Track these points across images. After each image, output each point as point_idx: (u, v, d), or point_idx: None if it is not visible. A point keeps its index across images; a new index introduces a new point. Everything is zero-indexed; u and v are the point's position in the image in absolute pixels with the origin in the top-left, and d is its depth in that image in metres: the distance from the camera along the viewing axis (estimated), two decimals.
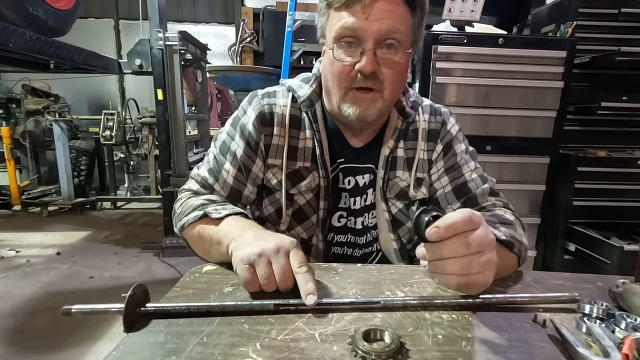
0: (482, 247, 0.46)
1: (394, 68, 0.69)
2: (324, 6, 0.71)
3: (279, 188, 0.81)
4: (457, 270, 0.47)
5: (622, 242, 1.93)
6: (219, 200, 0.76)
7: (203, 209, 0.70)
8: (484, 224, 0.49)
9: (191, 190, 0.81)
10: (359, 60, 0.67)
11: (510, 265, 0.66)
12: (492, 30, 2.11)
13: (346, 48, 0.69)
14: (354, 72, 0.69)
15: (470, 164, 0.83)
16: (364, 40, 0.66)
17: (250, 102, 0.81)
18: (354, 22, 0.66)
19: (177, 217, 0.77)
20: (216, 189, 0.79)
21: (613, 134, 2.30)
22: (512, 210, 0.79)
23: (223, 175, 0.79)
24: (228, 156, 0.79)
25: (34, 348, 1.80)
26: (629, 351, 0.40)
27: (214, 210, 0.69)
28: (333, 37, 0.69)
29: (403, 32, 0.68)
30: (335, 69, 0.70)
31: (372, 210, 0.85)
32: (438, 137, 0.84)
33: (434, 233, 0.44)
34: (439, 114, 0.86)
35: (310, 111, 0.79)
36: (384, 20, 0.65)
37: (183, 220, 0.73)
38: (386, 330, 0.45)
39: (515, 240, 0.66)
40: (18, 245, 3.13)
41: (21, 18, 1.96)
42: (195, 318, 0.49)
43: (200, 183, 0.80)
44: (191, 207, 0.74)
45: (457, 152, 0.83)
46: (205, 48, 3.16)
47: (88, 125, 4.76)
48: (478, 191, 0.80)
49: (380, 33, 0.66)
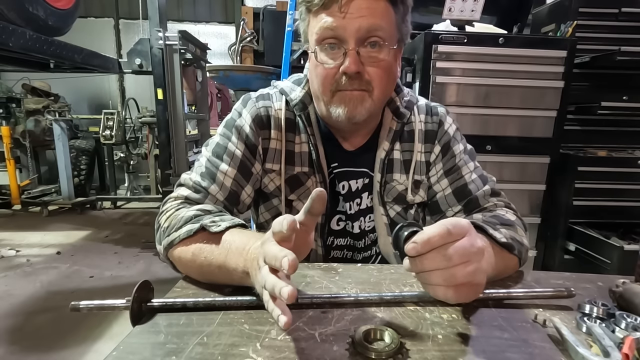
0: (465, 257, 0.45)
1: (379, 66, 0.67)
2: (304, 10, 0.70)
3: (277, 194, 0.79)
4: (441, 281, 0.45)
5: (622, 241, 1.93)
6: (214, 210, 0.66)
7: (198, 221, 0.60)
8: (471, 233, 0.47)
9: (181, 198, 0.70)
10: (343, 61, 0.66)
11: (511, 267, 0.65)
12: (493, 30, 2.11)
13: (328, 50, 0.67)
14: (339, 74, 0.67)
15: (470, 165, 0.81)
16: (345, 39, 0.65)
17: (245, 104, 0.78)
18: (333, 22, 0.64)
19: (165, 232, 0.64)
20: (211, 192, 0.71)
21: (613, 134, 2.30)
22: (514, 209, 0.77)
23: (219, 177, 0.72)
24: (225, 157, 0.74)
25: (34, 347, 1.80)
26: (629, 351, 0.40)
27: (211, 223, 0.59)
28: (315, 40, 0.68)
29: (385, 29, 0.66)
30: (320, 72, 0.68)
31: (370, 214, 0.84)
32: (435, 138, 0.82)
33: (412, 249, 0.43)
34: (435, 114, 0.84)
35: (303, 114, 0.77)
36: (364, 17, 0.63)
37: (173, 236, 0.61)
38: (386, 330, 0.45)
39: (516, 242, 0.65)
40: (18, 245, 3.13)
41: (21, 17, 1.96)
42: (195, 318, 0.49)
43: (192, 188, 0.71)
44: (182, 219, 0.62)
45: (455, 154, 0.81)
46: (205, 47, 3.16)
47: (88, 125, 4.76)
48: (479, 193, 0.78)
49: (360, 31, 0.64)
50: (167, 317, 0.50)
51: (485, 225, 0.62)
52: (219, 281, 0.58)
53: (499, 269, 0.60)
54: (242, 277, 0.52)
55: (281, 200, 0.79)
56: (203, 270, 0.59)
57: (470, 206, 0.78)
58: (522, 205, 2.11)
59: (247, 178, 0.75)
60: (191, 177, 0.73)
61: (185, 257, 0.61)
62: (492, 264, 0.55)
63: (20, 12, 1.95)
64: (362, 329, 0.45)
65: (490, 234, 0.61)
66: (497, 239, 0.61)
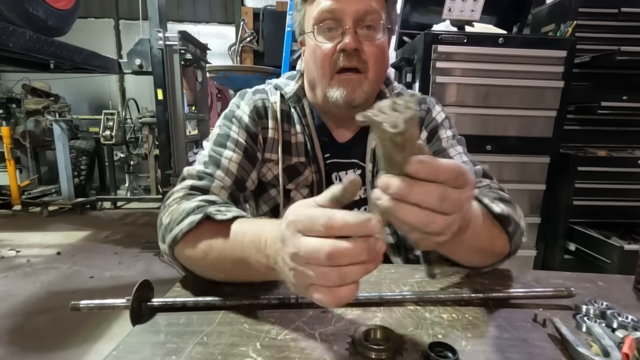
0: (455, 209, 0.36)
1: (375, 46, 0.70)
2: (300, 1, 0.73)
3: (275, 183, 0.80)
4: (413, 220, 0.35)
5: (623, 241, 1.93)
6: (219, 201, 0.61)
7: (202, 211, 0.54)
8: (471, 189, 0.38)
9: (185, 189, 0.65)
10: (341, 40, 0.68)
11: (498, 245, 0.58)
12: (492, 30, 2.11)
13: (326, 32, 0.70)
14: (337, 54, 0.69)
15: (458, 148, 0.79)
16: (343, 20, 0.68)
17: (243, 97, 0.81)
18: (332, 5, 0.67)
19: (166, 228, 0.58)
20: (217, 177, 0.68)
21: (613, 134, 2.30)
22: (507, 194, 0.69)
23: (224, 163, 0.70)
24: (228, 144, 0.73)
25: (34, 348, 1.80)
26: (629, 350, 0.40)
27: (216, 212, 0.53)
28: (312, 24, 0.70)
29: (380, 14, 0.69)
30: (318, 54, 0.70)
31: (364, 206, 0.84)
32: (422, 124, 0.82)
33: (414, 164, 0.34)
34: (424, 102, 0.84)
35: (298, 106, 0.79)
36: (361, 1, 0.67)
37: (175, 231, 0.55)
38: (386, 329, 0.45)
39: (512, 220, 0.58)
40: (18, 245, 3.13)
41: (21, 18, 1.96)
42: (195, 318, 0.49)
43: (195, 177, 0.68)
44: (184, 211, 0.56)
45: (442, 137, 0.80)
46: (205, 48, 3.16)
47: (88, 125, 4.76)
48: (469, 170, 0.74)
49: (359, 13, 0.67)
50: (167, 316, 0.50)
51: (481, 196, 0.58)
52: (237, 279, 0.54)
53: (484, 243, 0.55)
54: (266, 272, 0.45)
55: (279, 190, 0.80)
56: (217, 268, 0.54)
57: None
58: (522, 205, 2.08)
59: (252, 163, 0.75)
60: (194, 168, 0.70)
61: (194, 255, 0.54)
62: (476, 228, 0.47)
63: (20, 13, 1.95)
64: (362, 329, 0.45)
65: (485, 204, 0.56)
66: (491, 209, 0.55)
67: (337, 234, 0.34)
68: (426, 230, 0.36)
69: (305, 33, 0.74)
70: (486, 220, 0.54)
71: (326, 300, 0.35)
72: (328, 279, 0.34)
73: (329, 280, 0.34)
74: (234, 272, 0.52)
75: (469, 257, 0.58)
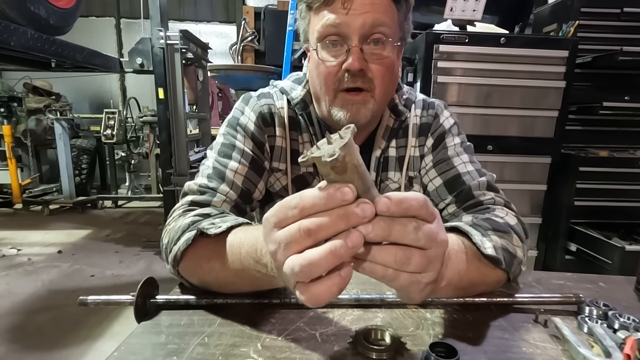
0: (430, 243, 0.34)
1: (383, 64, 0.65)
2: (304, 8, 0.68)
3: (283, 194, 0.78)
4: (389, 260, 0.33)
5: (624, 242, 1.93)
6: (214, 213, 0.60)
7: (195, 227, 0.53)
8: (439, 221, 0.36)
9: (183, 206, 0.64)
10: (346, 58, 0.63)
11: (493, 281, 0.56)
12: (494, 30, 2.11)
13: (330, 48, 0.65)
14: (341, 72, 0.65)
15: (463, 157, 0.76)
16: (348, 36, 0.63)
17: (247, 102, 0.77)
18: (336, 18, 0.62)
19: (166, 248, 0.58)
20: (221, 191, 0.66)
21: (615, 134, 2.29)
22: (513, 210, 0.69)
23: (229, 176, 0.68)
24: (234, 154, 0.70)
25: (35, 346, 1.80)
26: (630, 351, 0.40)
27: (210, 225, 0.52)
28: (316, 38, 0.66)
29: (389, 25, 0.64)
30: (322, 71, 0.66)
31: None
32: (429, 130, 0.79)
33: (383, 203, 0.32)
34: (432, 107, 0.81)
35: (305, 113, 0.76)
36: (368, 13, 0.61)
37: (174, 251, 0.54)
38: (387, 330, 0.45)
39: (506, 254, 0.55)
40: (19, 244, 3.14)
41: (23, 16, 1.96)
42: (196, 318, 0.49)
43: (197, 192, 0.66)
44: (179, 229, 0.56)
45: (448, 145, 0.77)
46: (207, 47, 3.15)
47: (89, 124, 4.76)
48: (473, 183, 0.71)
49: (365, 27, 0.62)
50: (169, 317, 0.50)
51: (473, 231, 0.54)
52: (248, 290, 0.52)
53: (473, 280, 0.51)
54: (270, 281, 0.44)
55: None
56: (220, 283, 0.53)
57: (462, 197, 0.71)
58: (523, 205, 2.11)
59: (259, 173, 0.73)
60: (196, 182, 0.68)
61: (198, 272, 0.54)
62: (460, 271, 0.47)
63: (22, 11, 1.95)
64: (363, 329, 0.45)
65: (475, 242, 0.52)
66: (482, 250, 0.52)
67: (312, 211, 0.32)
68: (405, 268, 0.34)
69: (309, 42, 0.70)
70: (474, 260, 0.51)
71: (306, 298, 0.33)
72: (314, 266, 0.31)
73: (315, 268, 0.31)
74: (241, 285, 0.51)
75: (461, 293, 0.53)
